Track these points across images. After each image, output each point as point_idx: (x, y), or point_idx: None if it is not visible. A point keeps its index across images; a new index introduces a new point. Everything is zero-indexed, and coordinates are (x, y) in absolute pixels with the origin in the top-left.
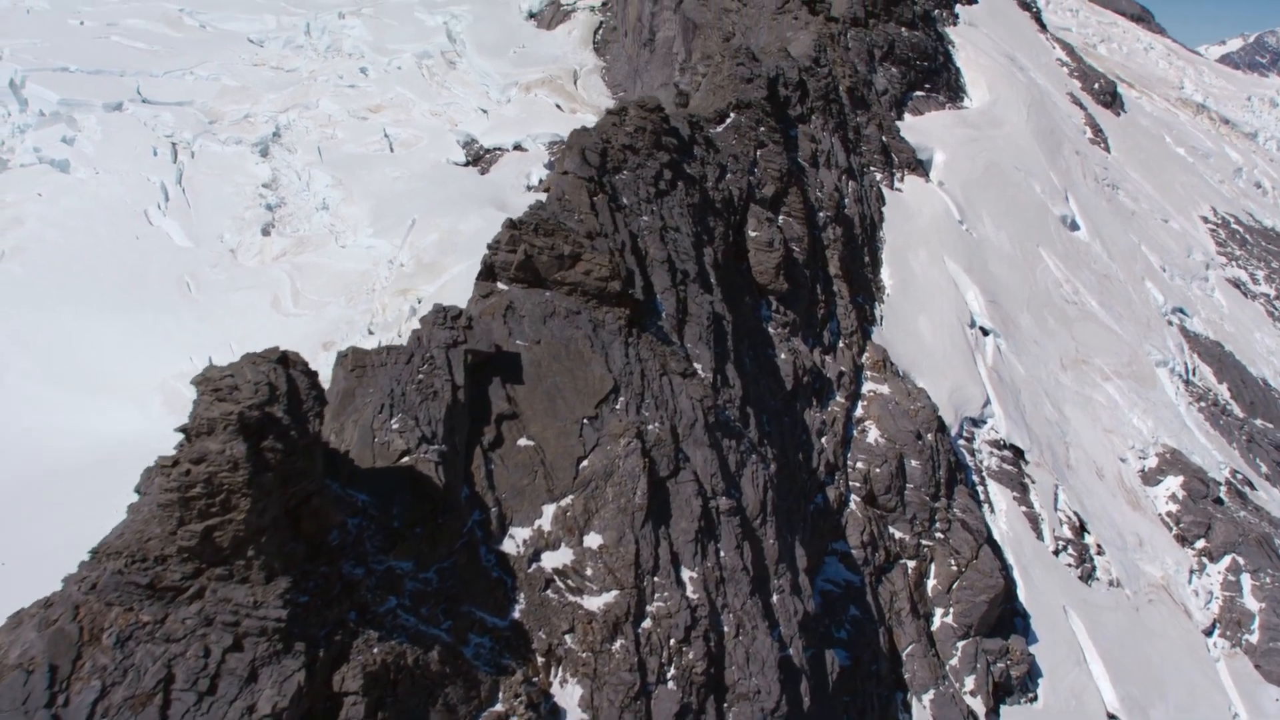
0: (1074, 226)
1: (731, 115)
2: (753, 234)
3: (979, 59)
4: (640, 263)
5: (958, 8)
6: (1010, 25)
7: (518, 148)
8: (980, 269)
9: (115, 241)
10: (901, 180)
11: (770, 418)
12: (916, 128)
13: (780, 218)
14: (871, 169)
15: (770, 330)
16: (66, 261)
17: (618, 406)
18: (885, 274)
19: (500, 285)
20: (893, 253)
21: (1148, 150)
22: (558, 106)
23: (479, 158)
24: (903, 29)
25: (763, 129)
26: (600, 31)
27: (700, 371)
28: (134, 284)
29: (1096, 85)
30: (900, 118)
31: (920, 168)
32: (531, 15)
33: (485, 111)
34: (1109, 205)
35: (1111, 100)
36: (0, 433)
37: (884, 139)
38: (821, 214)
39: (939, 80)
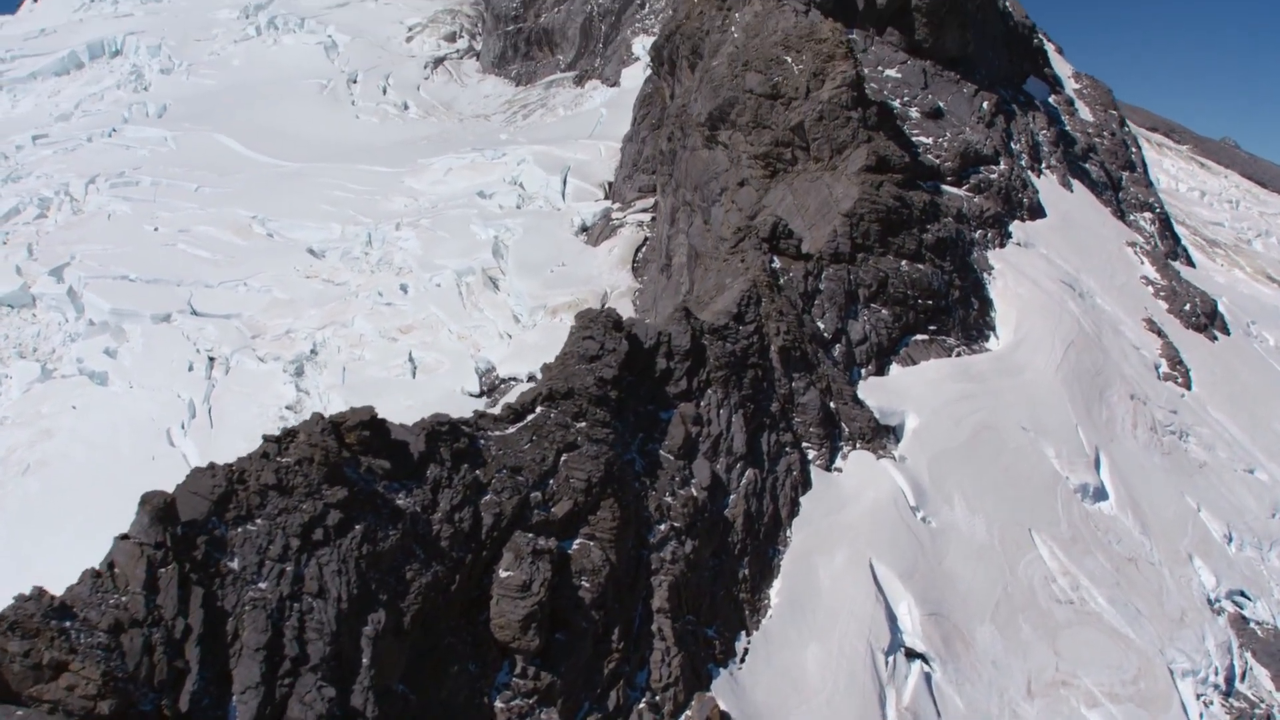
0: (1099, 496)
1: (539, 409)
2: (504, 573)
3: (1019, 288)
4: (215, 655)
5: (1014, 225)
6: (1086, 240)
7: (531, 379)
8: (927, 571)
9: (134, 461)
10: (846, 457)
11: None
12: (888, 386)
13: (575, 543)
14: (803, 446)
15: (500, 705)
16: (85, 481)
17: None
18: (775, 589)
19: None
20: (796, 558)
21: (1246, 383)
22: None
23: (494, 388)
24: (902, 262)
25: (582, 424)
26: (642, 250)
27: None
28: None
29: (1187, 306)
30: (881, 371)
31: (879, 438)
32: (584, 229)
33: (509, 336)
34: (1164, 460)
35: (1208, 323)
36: None
37: (831, 405)
38: (663, 526)
39: (950, 320)
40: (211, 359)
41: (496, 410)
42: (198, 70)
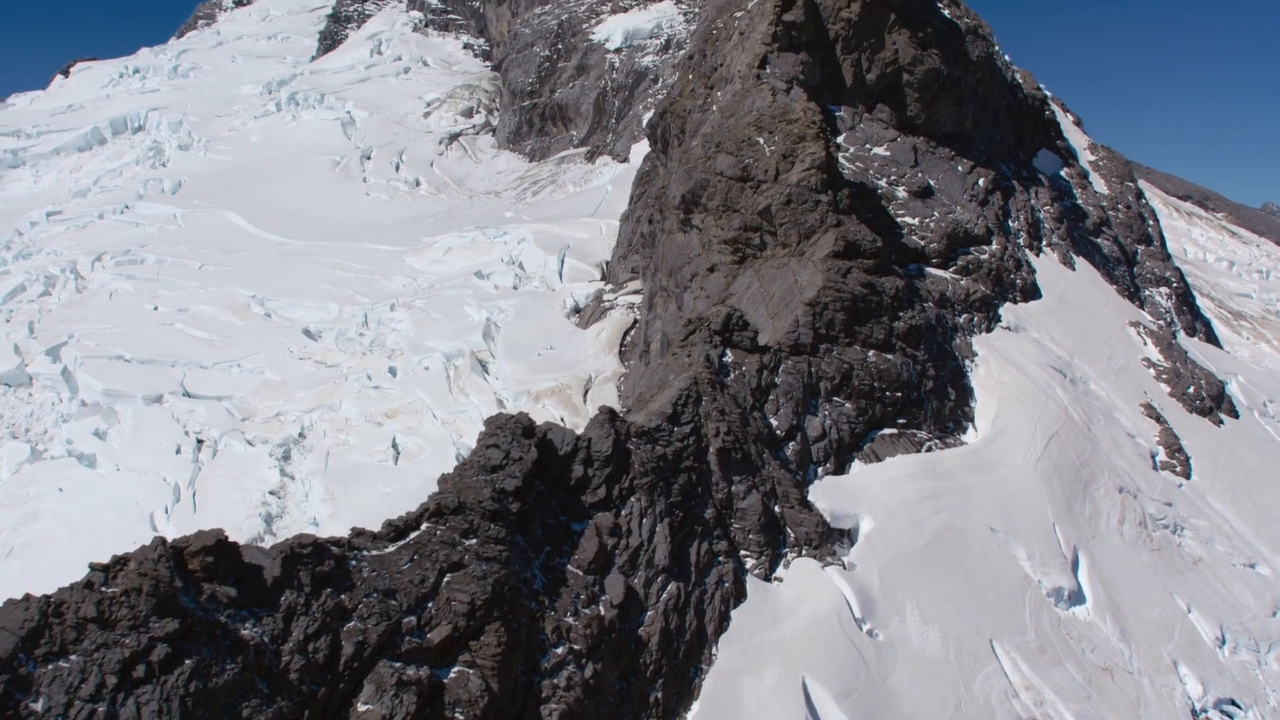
0: (1075, 600)
1: (424, 525)
2: (362, 707)
3: (1003, 376)
4: None
5: (1005, 308)
6: (1085, 321)
7: None
8: (869, 690)
9: (115, 546)
10: (788, 565)
11: None
12: (843, 487)
13: (452, 671)
14: (740, 555)
15: None
16: (65, 566)
17: None
18: (692, 714)
19: None
20: (719, 679)
21: (1252, 470)
22: (561, 420)
23: None
24: (869, 353)
25: (472, 541)
26: (630, 334)
27: None
28: None
29: (1191, 389)
30: (841, 469)
31: (828, 544)
32: (577, 310)
33: None
34: (1152, 558)
35: (1213, 406)
36: None
37: (776, 509)
38: (560, 649)
39: (921, 413)
40: (200, 441)
41: (377, 528)
42: (215, 147)
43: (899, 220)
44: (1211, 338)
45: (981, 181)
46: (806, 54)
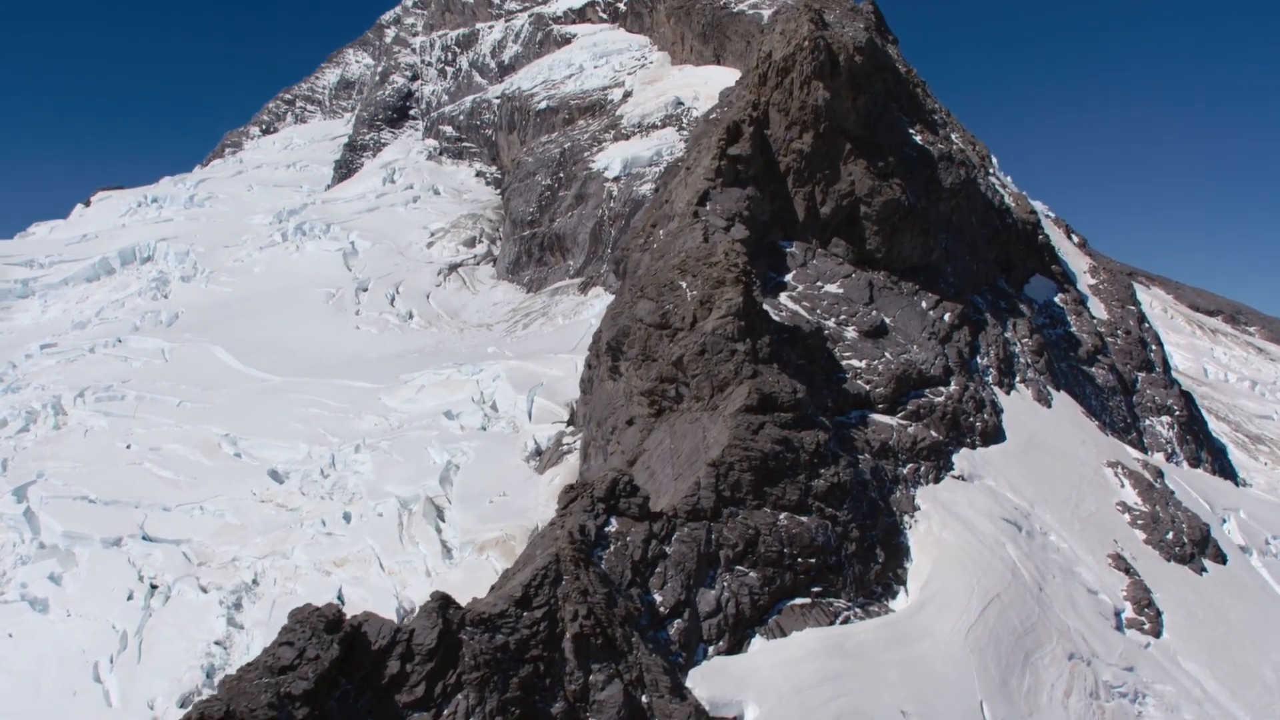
0: None
1: None
2: None
3: (944, 533)
4: None
5: (960, 454)
6: (1053, 464)
7: None
8: None
9: (55, 697)
10: None
11: None
12: (731, 670)
13: None
14: None
15: None
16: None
17: None
18: None
19: None
20: None
21: (1234, 622)
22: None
23: None
24: (780, 516)
25: None
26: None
27: None
28: None
29: (1170, 534)
30: (737, 648)
31: None
32: (539, 452)
33: (435, 575)
34: None
35: (1195, 552)
36: None
37: (643, 700)
38: None
39: (840, 579)
40: (154, 586)
41: None
42: (218, 278)
43: (844, 363)
44: (1223, 466)
45: (947, 316)
46: (754, 188)
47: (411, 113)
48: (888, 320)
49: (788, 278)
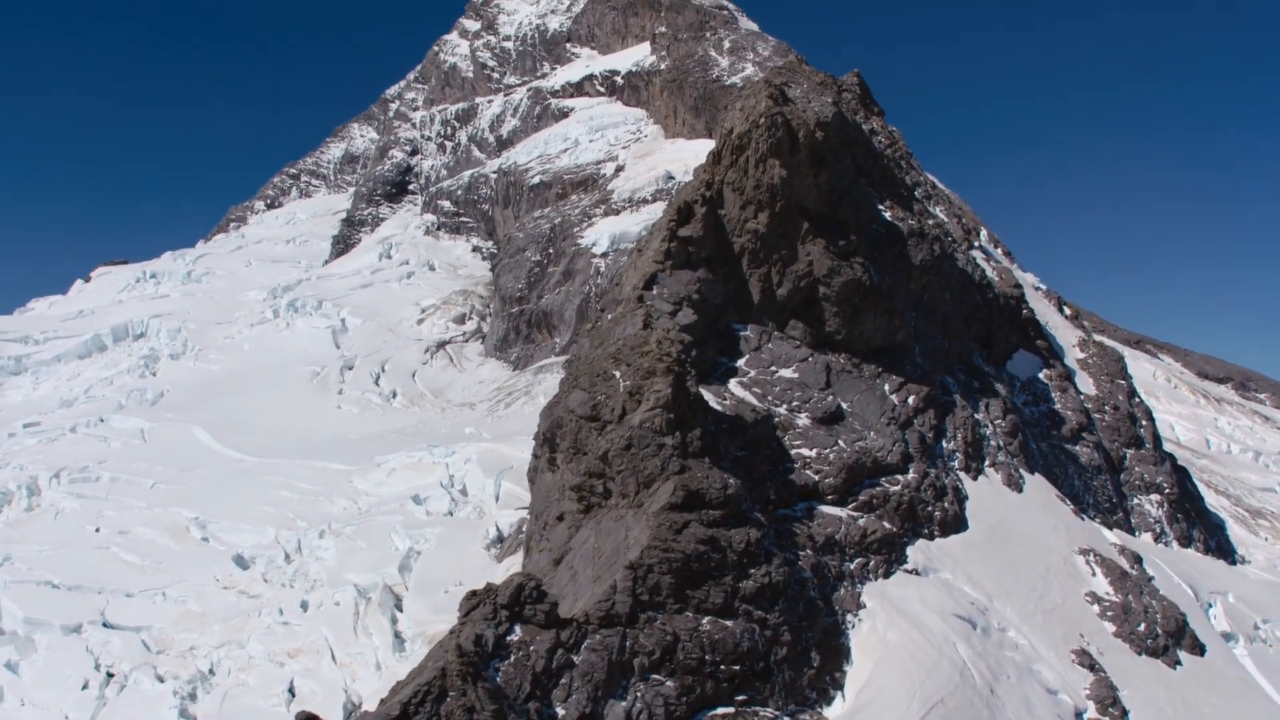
0: None
1: None
2: None
3: (889, 632)
4: None
5: (915, 546)
6: (1018, 553)
7: None
8: None
9: None
10: None
11: None
12: None
13: None
14: None
15: None
16: None
17: None
18: None
19: None
20: None
21: (1209, 718)
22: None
23: None
24: (703, 620)
25: None
26: None
27: None
28: None
29: (1142, 626)
30: None
31: None
32: (501, 539)
33: (382, 668)
34: None
35: (1169, 644)
36: None
37: None
38: None
39: (769, 685)
40: (110, 675)
41: None
42: (206, 355)
43: (793, 451)
44: (1219, 543)
45: (910, 400)
46: (707, 270)
47: (410, 187)
48: (844, 405)
49: (740, 363)
